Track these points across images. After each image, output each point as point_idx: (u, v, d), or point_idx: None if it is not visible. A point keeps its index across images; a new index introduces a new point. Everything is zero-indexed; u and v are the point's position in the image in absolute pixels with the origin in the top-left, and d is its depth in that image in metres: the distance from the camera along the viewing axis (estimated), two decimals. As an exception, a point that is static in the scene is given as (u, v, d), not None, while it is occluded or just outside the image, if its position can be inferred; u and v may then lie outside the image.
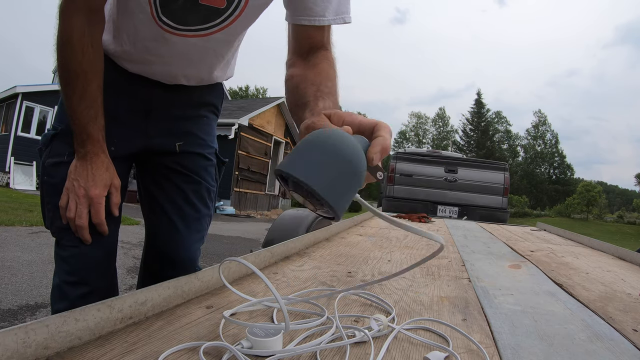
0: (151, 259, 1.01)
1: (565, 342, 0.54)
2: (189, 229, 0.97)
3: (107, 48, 0.84)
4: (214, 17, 0.79)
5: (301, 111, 0.61)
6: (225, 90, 16.64)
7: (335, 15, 0.74)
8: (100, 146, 0.80)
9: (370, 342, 0.47)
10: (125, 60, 0.87)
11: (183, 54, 0.85)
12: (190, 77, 0.92)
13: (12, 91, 12.01)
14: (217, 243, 5.59)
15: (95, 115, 0.77)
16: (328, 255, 1.08)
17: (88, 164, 0.79)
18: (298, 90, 0.66)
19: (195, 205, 0.97)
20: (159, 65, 0.87)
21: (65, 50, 0.73)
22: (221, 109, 1.07)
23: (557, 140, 46.17)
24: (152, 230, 0.98)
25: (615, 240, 13.79)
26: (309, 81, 0.66)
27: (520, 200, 35.78)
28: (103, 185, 0.80)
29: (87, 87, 0.75)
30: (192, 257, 0.97)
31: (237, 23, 0.81)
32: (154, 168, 0.97)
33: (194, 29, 0.80)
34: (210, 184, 1.01)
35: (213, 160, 1.02)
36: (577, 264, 1.31)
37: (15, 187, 11.13)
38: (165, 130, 0.94)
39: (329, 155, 0.41)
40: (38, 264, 3.25)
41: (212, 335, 0.47)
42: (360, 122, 0.50)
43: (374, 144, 0.47)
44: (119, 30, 0.82)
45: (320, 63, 0.71)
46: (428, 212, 4.46)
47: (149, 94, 0.90)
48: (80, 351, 0.41)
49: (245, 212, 12.19)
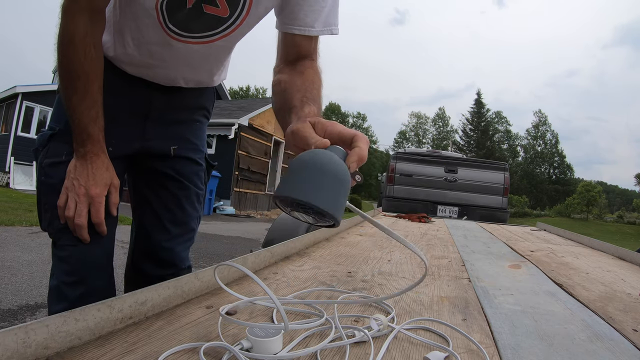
0: (140, 259, 1.02)
1: (565, 342, 0.54)
2: (179, 232, 1.01)
3: (106, 50, 0.85)
4: (218, 25, 0.81)
5: (287, 115, 0.65)
6: (226, 90, 16.73)
7: (324, 26, 0.78)
8: (100, 146, 0.80)
9: (370, 342, 0.47)
10: (125, 63, 0.87)
11: (185, 60, 0.87)
12: (189, 80, 0.94)
13: (12, 91, 12.01)
14: (217, 243, 5.59)
15: (95, 115, 0.77)
16: (328, 255, 1.08)
17: (88, 164, 0.79)
18: (285, 95, 0.69)
19: (186, 210, 1.01)
20: (160, 69, 0.88)
21: (68, 51, 0.73)
22: (212, 112, 1.11)
23: (557, 140, 46.20)
24: (142, 232, 1.01)
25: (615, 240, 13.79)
26: (296, 87, 0.69)
27: (520, 200, 35.79)
28: (103, 185, 0.81)
29: (88, 87, 0.75)
30: (181, 258, 1.02)
31: (239, 31, 0.84)
32: (148, 173, 0.99)
33: (198, 36, 0.82)
34: (200, 188, 1.05)
35: (203, 165, 1.06)
36: (577, 264, 1.31)
37: (15, 187, 11.13)
38: (162, 133, 0.95)
39: (319, 175, 0.47)
40: (38, 264, 3.25)
41: (212, 335, 0.47)
42: (340, 132, 0.55)
43: (351, 153, 0.52)
44: (122, 32, 0.83)
45: (306, 71, 0.74)
46: (428, 212, 4.46)
47: (148, 97, 0.91)
48: (80, 351, 0.41)
49: (245, 212, 12.19)
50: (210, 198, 10.10)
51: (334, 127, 0.55)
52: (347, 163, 0.51)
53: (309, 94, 0.67)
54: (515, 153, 47.18)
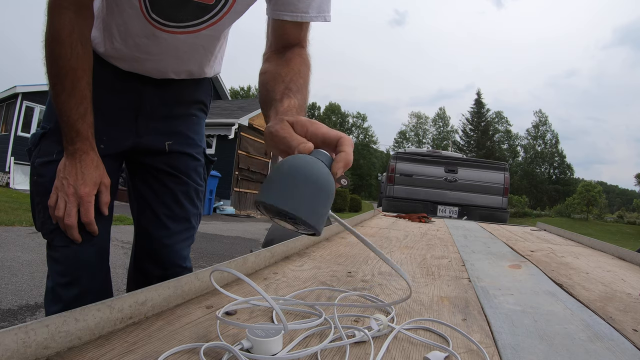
0: (141, 259, 1.01)
1: (565, 342, 0.54)
2: (179, 229, 0.98)
3: (95, 46, 0.84)
4: (203, 13, 0.79)
5: (267, 109, 0.63)
6: (226, 90, 16.72)
7: (318, 12, 0.75)
8: (89, 144, 0.79)
9: (370, 342, 0.47)
10: (114, 58, 0.86)
11: (172, 51, 0.85)
12: (180, 72, 0.92)
13: (12, 91, 12.01)
14: (217, 243, 5.59)
15: (84, 112, 0.76)
16: (328, 255, 1.08)
17: (77, 162, 0.78)
18: (267, 86, 0.67)
19: (185, 206, 0.98)
20: (149, 62, 0.86)
21: (54, 47, 0.72)
22: (210, 107, 1.08)
23: (557, 140, 46.18)
24: (142, 231, 0.99)
25: (615, 240, 13.79)
26: (280, 78, 0.66)
27: (520, 200, 35.77)
28: (93, 184, 0.79)
29: (76, 84, 0.74)
30: (182, 257, 0.99)
31: (226, 19, 0.81)
32: (144, 169, 0.97)
33: (183, 26, 0.80)
34: (199, 184, 1.02)
35: (201, 160, 1.03)
36: (577, 264, 1.31)
37: (15, 187, 11.13)
38: (155, 128, 0.94)
39: (304, 185, 0.46)
40: (38, 264, 3.24)
41: (212, 335, 0.47)
42: (324, 134, 0.51)
43: (337, 159, 0.50)
44: (109, 27, 0.82)
45: (294, 59, 0.71)
46: (428, 212, 4.46)
47: (140, 92, 0.90)
48: (80, 351, 0.41)
49: (245, 212, 12.19)
50: (210, 198, 10.10)
51: (317, 128, 0.52)
52: (333, 169, 0.49)
53: (293, 85, 0.64)
54: (515, 153, 47.18)
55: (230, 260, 0.74)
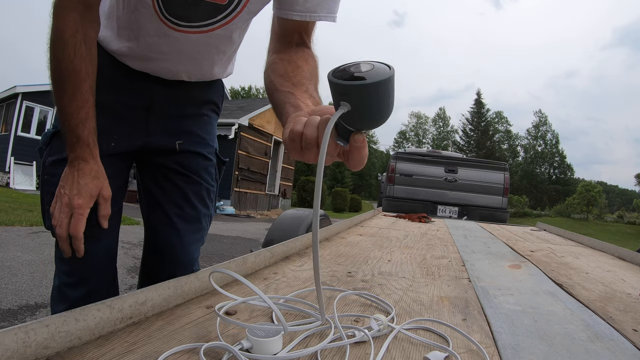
0: (150, 260, 1.00)
1: (565, 342, 0.54)
2: (189, 229, 0.96)
3: (108, 45, 0.84)
4: (216, 13, 0.78)
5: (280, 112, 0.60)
6: (226, 90, 16.71)
7: (327, 12, 0.74)
8: (89, 151, 0.76)
9: (370, 342, 0.47)
10: (126, 57, 0.86)
11: (185, 51, 0.85)
12: (192, 73, 0.91)
13: (12, 91, 12.00)
14: (217, 243, 5.59)
15: (85, 117, 0.74)
16: (328, 255, 1.08)
17: (75, 171, 0.76)
18: (276, 85, 0.65)
19: (195, 206, 0.97)
20: (161, 62, 0.86)
21: (57, 48, 0.71)
22: (222, 108, 1.07)
23: (557, 140, 46.16)
24: (152, 231, 0.98)
25: (615, 240, 13.79)
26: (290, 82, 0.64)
27: (520, 200, 35.76)
28: (88, 196, 0.76)
29: (78, 86, 0.73)
30: (191, 258, 0.97)
31: (239, 18, 0.81)
32: (155, 168, 0.96)
33: (196, 25, 0.80)
34: (210, 184, 1.00)
35: (213, 160, 1.01)
36: (577, 264, 1.31)
37: (15, 187, 11.12)
38: (165, 128, 0.93)
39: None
40: (38, 264, 3.24)
41: (211, 335, 0.47)
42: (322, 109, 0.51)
43: None
44: (123, 26, 0.82)
45: (309, 59, 0.71)
46: (428, 212, 4.46)
47: (150, 91, 0.90)
48: (80, 351, 0.41)
49: (245, 212, 12.18)
50: (210, 198, 10.07)
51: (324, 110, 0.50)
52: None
53: (310, 85, 0.63)
54: (515, 153, 47.16)
55: (230, 260, 0.74)
